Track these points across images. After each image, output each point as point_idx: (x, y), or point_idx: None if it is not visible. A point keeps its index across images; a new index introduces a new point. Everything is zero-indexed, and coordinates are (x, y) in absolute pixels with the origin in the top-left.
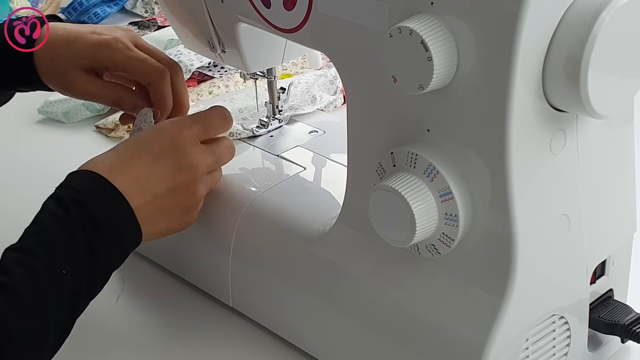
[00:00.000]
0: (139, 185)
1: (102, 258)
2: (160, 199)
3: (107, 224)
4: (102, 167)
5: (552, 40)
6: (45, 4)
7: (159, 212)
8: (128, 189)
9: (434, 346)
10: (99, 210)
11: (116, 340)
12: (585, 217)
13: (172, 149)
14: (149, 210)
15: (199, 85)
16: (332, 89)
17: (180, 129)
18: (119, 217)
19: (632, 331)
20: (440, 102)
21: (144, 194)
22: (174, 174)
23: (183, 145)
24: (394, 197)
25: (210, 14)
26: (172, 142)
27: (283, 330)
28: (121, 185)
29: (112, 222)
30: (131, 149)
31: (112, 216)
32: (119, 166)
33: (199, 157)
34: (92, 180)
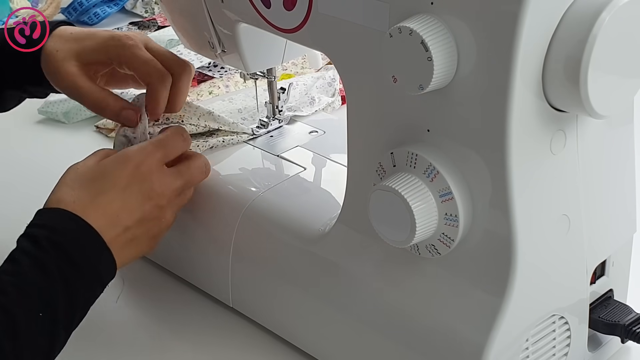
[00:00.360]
0: (111, 219)
1: (79, 296)
2: (130, 230)
3: (84, 262)
4: (74, 205)
5: (552, 40)
6: (45, 4)
7: (129, 242)
8: (101, 224)
9: (434, 346)
10: (76, 250)
11: (116, 340)
12: (585, 217)
13: (139, 179)
14: (121, 242)
15: (199, 85)
16: (331, 91)
17: (144, 157)
18: (94, 254)
19: (632, 331)
20: (440, 102)
21: (116, 228)
22: (143, 203)
23: (149, 173)
24: (394, 197)
25: (210, 14)
26: (138, 172)
27: (283, 330)
28: (94, 222)
29: (89, 260)
30: (99, 184)
31: (88, 254)
32: (89, 203)
33: (166, 183)
34: (66, 219)
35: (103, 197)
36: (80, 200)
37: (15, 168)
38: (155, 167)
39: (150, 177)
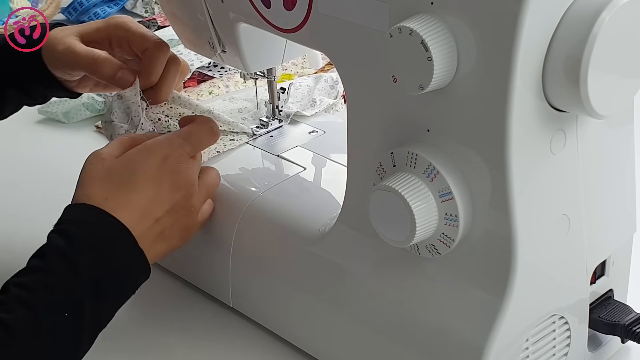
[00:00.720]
0: (142, 214)
1: (107, 297)
2: (160, 222)
3: (117, 263)
4: (107, 203)
5: (552, 40)
6: (45, 4)
7: (160, 235)
8: (132, 220)
9: (434, 346)
10: (109, 250)
11: (116, 340)
12: (585, 217)
13: (168, 170)
14: (152, 236)
15: (199, 85)
16: (333, 94)
17: (172, 149)
18: (128, 255)
19: (632, 331)
20: (440, 102)
21: (147, 221)
22: (173, 194)
23: (178, 164)
24: (394, 197)
25: (210, 14)
26: (167, 163)
27: (283, 331)
28: (127, 219)
29: (122, 261)
30: (129, 179)
31: (121, 255)
32: (121, 199)
33: (194, 173)
34: (100, 217)
35: (135, 193)
36: (112, 197)
37: (15, 168)
38: (184, 158)
39: (179, 168)
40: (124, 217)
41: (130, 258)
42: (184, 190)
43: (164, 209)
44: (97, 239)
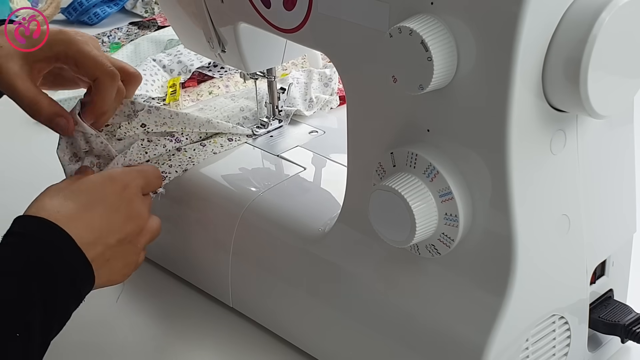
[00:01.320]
0: (95, 236)
1: (56, 310)
2: (110, 250)
3: (64, 276)
4: (58, 215)
5: (552, 40)
6: (45, 4)
7: (105, 264)
8: (84, 240)
9: (434, 346)
10: (58, 264)
11: (116, 340)
12: (585, 217)
13: (125, 200)
14: (101, 261)
15: (199, 85)
16: (328, 91)
17: (130, 179)
18: (76, 271)
19: (632, 331)
20: (440, 102)
21: (98, 246)
22: (126, 224)
23: (134, 195)
24: (394, 197)
25: (210, 14)
26: (125, 192)
27: (283, 331)
28: (78, 236)
29: (69, 277)
30: (86, 197)
31: (69, 269)
32: (75, 216)
33: (144, 208)
34: (49, 230)
35: (89, 212)
36: (66, 211)
37: (15, 168)
38: (138, 191)
39: (134, 199)
40: (75, 234)
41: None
42: (136, 224)
43: (116, 237)
44: (45, 251)
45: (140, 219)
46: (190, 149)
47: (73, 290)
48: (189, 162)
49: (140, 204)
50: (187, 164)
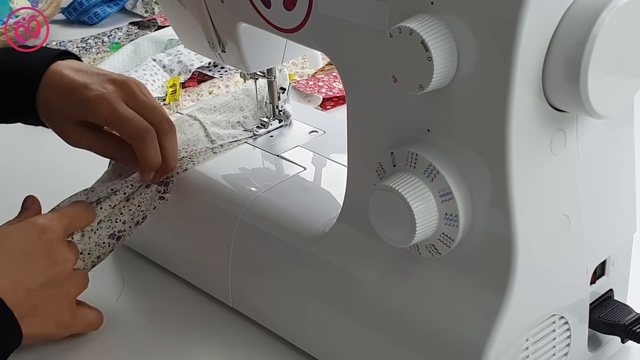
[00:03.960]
0: (13, 282)
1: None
2: (34, 295)
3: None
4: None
5: (552, 40)
6: (45, 4)
7: (32, 310)
8: (6, 292)
9: (434, 346)
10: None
11: (116, 340)
12: (585, 217)
13: (43, 243)
14: (24, 309)
15: (199, 85)
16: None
17: (48, 223)
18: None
19: (632, 331)
20: (440, 102)
21: (18, 291)
22: (47, 268)
23: (54, 239)
24: (394, 197)
25: (210, 14)
26: (42, 237)
27: (283, 331)
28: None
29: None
30: (4, 247)
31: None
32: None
33: (71, 252)
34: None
35: (6, 258)
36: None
37: (15, 168)
38: (60, 235)
39: (54, 243)
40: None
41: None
42: (60, 267)
43: (38, 282)
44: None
45: (65, 262)
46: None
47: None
48: (188, 162)
49: (63, 247)
50: (187, 164)
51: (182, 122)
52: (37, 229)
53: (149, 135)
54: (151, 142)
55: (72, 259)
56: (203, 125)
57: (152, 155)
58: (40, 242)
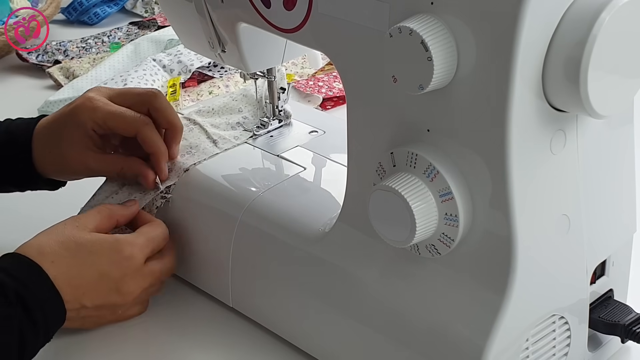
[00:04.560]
0: (75, 295)
1: (28, 349)
2: (85, 310)
3: (43, 323)
4: (51, 267)
5: (552, 40)
6: (45, 4)
7: (79, 318)
8: (66, 295)
9: (434, 346)
10: (39, 312)
11: (116, 340)
12: (585, 217)
13: (121, 273)
14: (73, 315)
15: (199, 85)
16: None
17: (133, 252)
18: (54, 319)
19: (632, 331)
20: (440, 102)
21: (74, 303)
22: (109, 295)
23: (131, 270)
24: (394, 197)
25: (210, 14)
26: (122, 264)
27: (283, 331)
28: (61, 290)
29: (47, 323)
30: (83, 256)
31: (48, 318)
32: (65, 271)
33: (139, 285)
34: (38, 279)
35: (78, 270)
36: (59, 264)
37: None
38: (138, 265)
39: (128, 276)
40: (60, 286)
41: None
42: (122, 298)
43: (95, 302)
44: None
45: (128, 295)
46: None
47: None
48: (191, 163)
49: (135, 279)
50: (190, 164)
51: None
52: (122, 255)
53: (157, 91)
54: (152, 126)
55: (137, 292)
56: (203, 128)
57: (157, 138)
58: (118, 269)
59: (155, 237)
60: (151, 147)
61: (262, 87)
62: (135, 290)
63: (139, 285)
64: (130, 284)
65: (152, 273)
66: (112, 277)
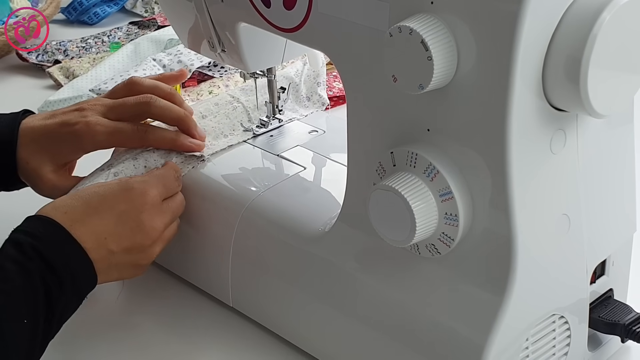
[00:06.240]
0: (98, 241)
1: (59, 307)
2: (115, 256)
3: (66, 275)
4: (64, 217)
5: (552, 40)
6: (45, 4)
7: (113, 266)
8: (87, 242)
9: (434, 346)
10: (58, 261)
11: (116, 340)
12: (585, 217)
13: (138, 210)
14: (104, 265)
15: (199, 85)
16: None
17: (147, 189)
18: (77, 269)
19: (632, 331)
20: (440, 102)
21: (100, 250)
22: (134, 235)
23: (149, 207)
24: (394, 197)
25: (210, 14)
26: (137, 202)
27: (283, 330)
28: (80, 238)
29: (70, 274)
30: (96, 203)
31: (71, 268)
32: (81, 219)
33: (160, 220)
34: (53, 230)
35: (96, 217)
36: (73, 213)
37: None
38: (157, 201)
39: (149, 211)
40: (79, 236)
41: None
42: (147, 236)
43: (122, 245)
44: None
45: (153, 231)
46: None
47: (73, 286)
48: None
49: (155, 215)
50: (194, 161)
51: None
52: (134, 193)
53: (149, 102)
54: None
55: (160, 228)
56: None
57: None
58: (134, 206)
59: (165, 175)
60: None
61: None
62: (158, 225)
63: (160, 221)
64: (152, 220)
65: (170, 209)
66: (130, 216)
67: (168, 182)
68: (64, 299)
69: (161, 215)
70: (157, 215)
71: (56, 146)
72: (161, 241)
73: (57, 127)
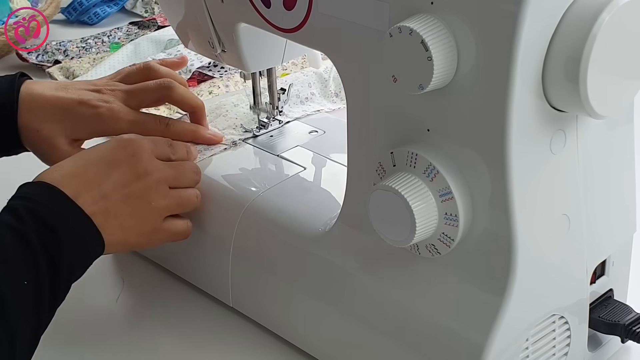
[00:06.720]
0: (92, 191)
1: (62, 265)
2: (114, 205)
3: (63, 230)
4: (54, 175)
5: (552, 40)
6: (45, 4)
7: (113, 220)
8: (79, 195)
9: (434, 346)
10: (52, 218)
11: (116, 340)
12: (585, 217)
13: (128, 153)
14: (103, 217)
15: (199, 85)
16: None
17: (135, 138)
18: (74, 223)
19: (632, 331)
20: (440, 102)
21: (97, 200)
22: (128, 180)
23: (139, 151)
24: (394, 197)
25: (210, 14)
26: (128, 148)
27: (283, 330)
28: (72, 191)
29: (68, 229)
30: (86, 156)
31: (66, 223)
32: (70, 172)
33: (154, 164)
34: (44, 190)
35: (86, 167)
36: (63, 170)
37: (15, 166)
38: (147, 148)
39: (139, 154)
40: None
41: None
42: (142, 179)
43: (119, 192)
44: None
45: (148, 174)
46: None
47: (74, 240)
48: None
49: (148, 159)
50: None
51: None
52: (124, 140)
53: (169, 86)
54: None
55: (156, 172)
56: None
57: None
58: (126, 152)
59: (157, 140)
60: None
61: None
62: (154, 169)
63: (155, 166)
64: (145, 163)
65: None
66: (122, 161)
67: (157, 142)
68: (66, 256)
69: (156, 163)
70: (150, 161)
71: (72, 121)
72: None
73: (75, 104)
